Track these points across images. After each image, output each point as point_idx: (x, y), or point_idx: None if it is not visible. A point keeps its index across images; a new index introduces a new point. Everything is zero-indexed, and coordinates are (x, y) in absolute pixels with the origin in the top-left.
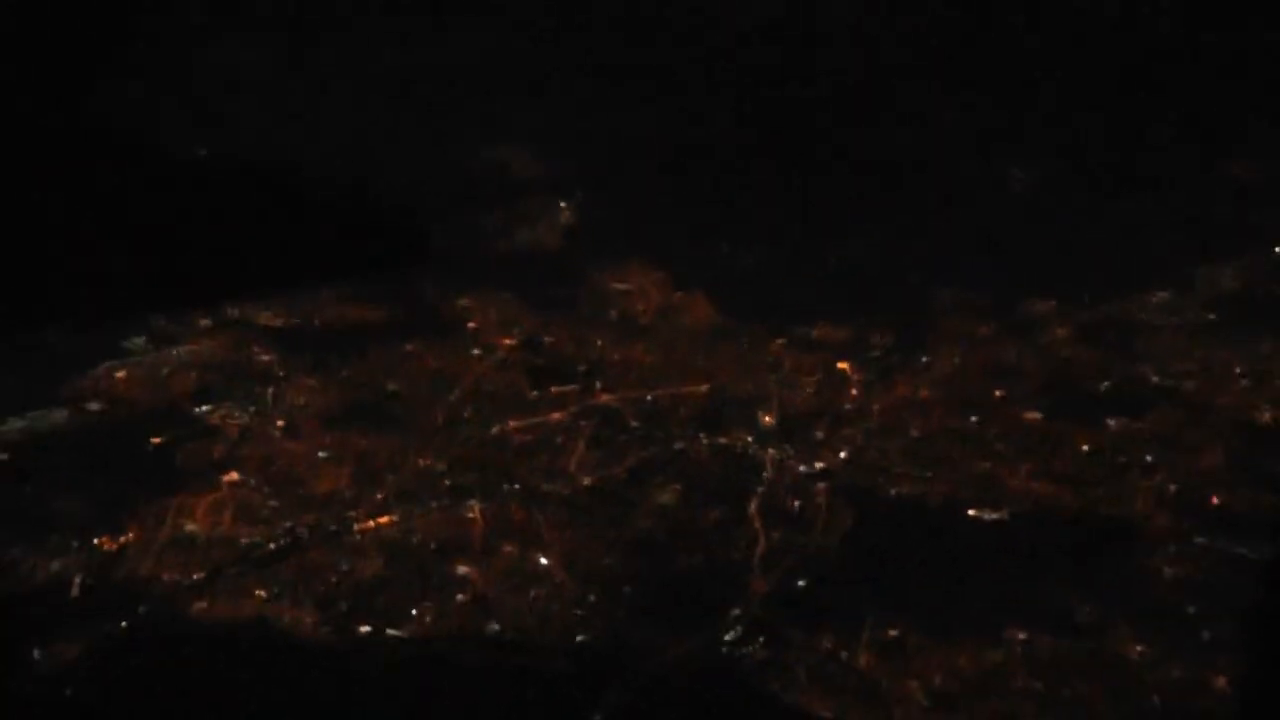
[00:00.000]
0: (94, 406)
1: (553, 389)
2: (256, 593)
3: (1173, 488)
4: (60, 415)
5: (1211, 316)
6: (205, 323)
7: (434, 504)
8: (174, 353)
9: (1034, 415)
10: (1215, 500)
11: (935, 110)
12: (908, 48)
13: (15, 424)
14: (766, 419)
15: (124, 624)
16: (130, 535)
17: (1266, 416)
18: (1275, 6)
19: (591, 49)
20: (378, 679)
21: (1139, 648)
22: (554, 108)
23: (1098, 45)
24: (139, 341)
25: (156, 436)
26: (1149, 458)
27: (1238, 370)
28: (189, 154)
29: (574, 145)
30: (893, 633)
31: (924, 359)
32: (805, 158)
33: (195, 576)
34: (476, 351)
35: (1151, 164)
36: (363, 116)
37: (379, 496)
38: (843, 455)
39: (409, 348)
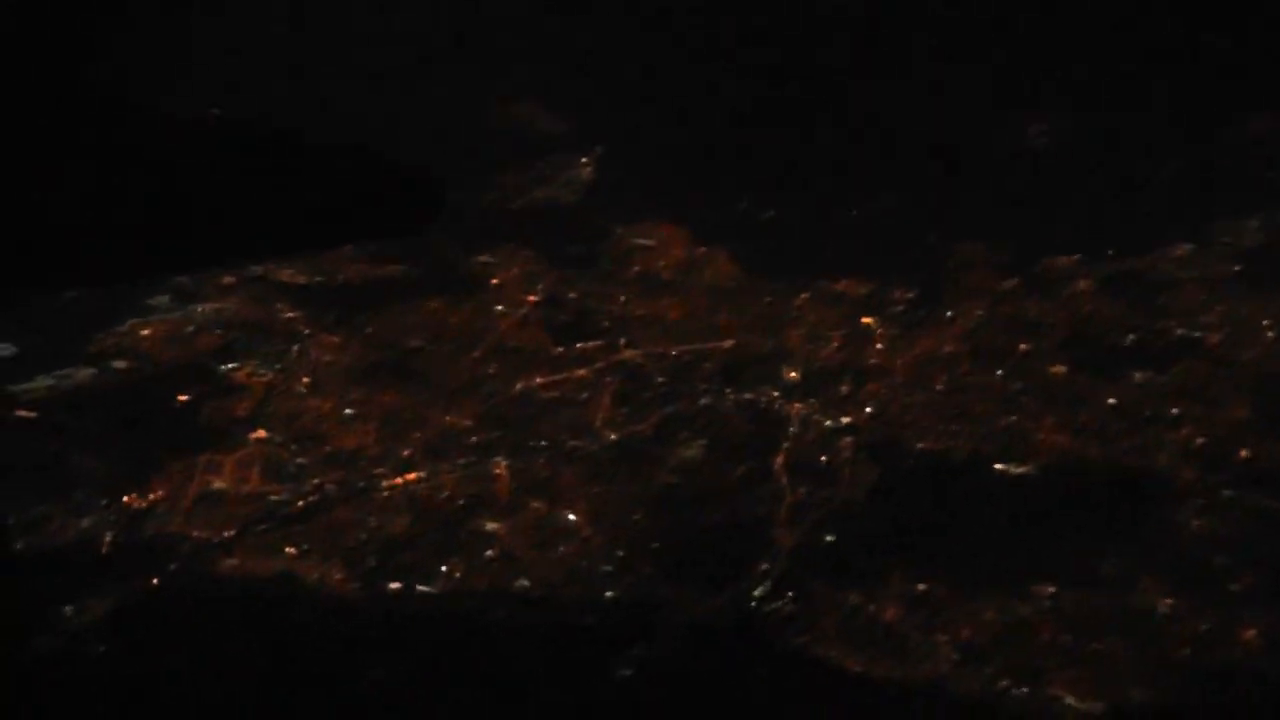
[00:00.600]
0: (119, 364)
1: (576, 345)
2: (285, 549)
3: (1199, 441)
4: (86, 373)
5: (1236, 269)
6: (228, 280)
7: (460, 460)
8: (198, 310)
9: (1059, 369)
10: (1243, 453)
11: (953, 65)
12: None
13: (42, 382)
14: (791, 374)
15: (154, 581)
16: (158, 493)
17: None
18: None
19: (608, 4)
20: (407, 635)
21: (1167, 601)
22: (571, 63)
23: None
24: (163, 300)
25: (182, 394)
26: (1175, 411)
27: (1264, 323)
28: (201, 114)
29: (592, 101)
30: (920, 587)
31: (947, 313)
32: (824, 113)
33: (224, 534)
34: (499, 308)
35: (1172, 118)
36: (375, 75)
37: (405, 453)
38: (868, 410)
39: (431, 305)
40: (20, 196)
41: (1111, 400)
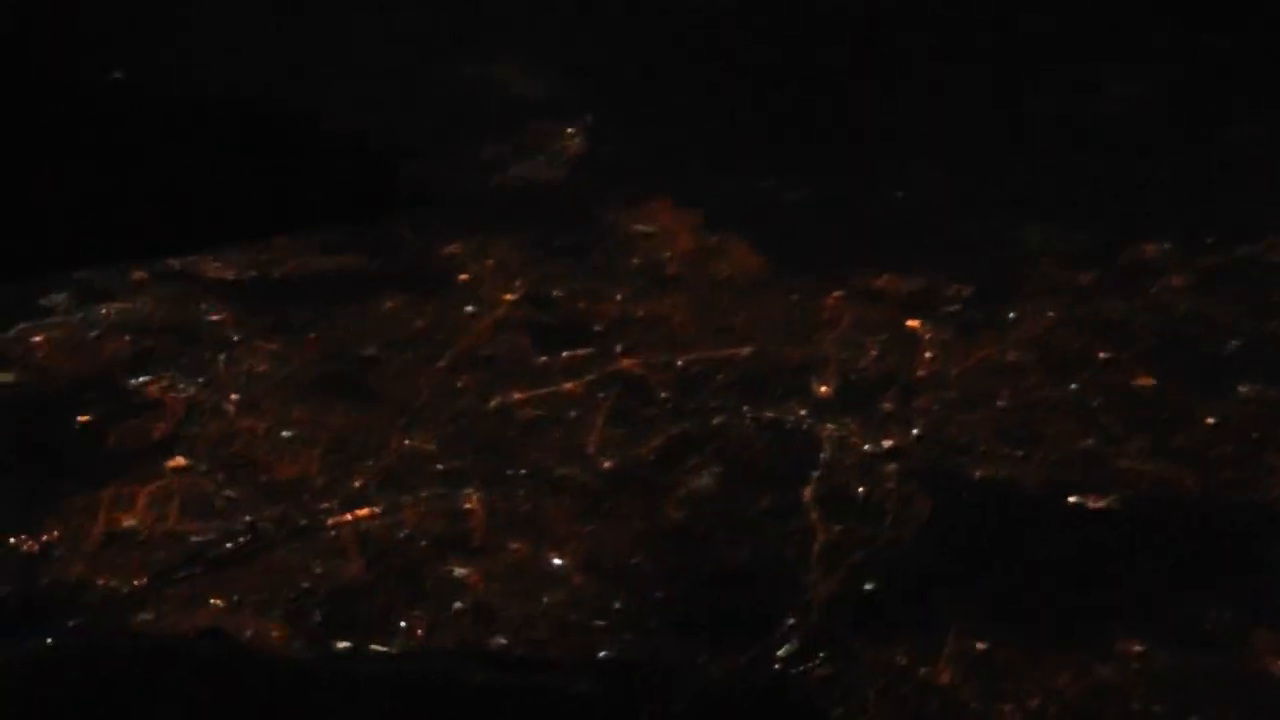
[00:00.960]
0: (6, 377)
1: (564, 353)
2: (212, 601)
3: None
4: None
5: None
6: (140, 275)
7: (424, 493)
8: (104, 312)
9: (1146, 381)
10: None
11: (1019, 16)
12: None
13: None
14: (822, 388)
15: (49, 640)
16: (55, 533)
17: None
18: None
19: None
20: (360, 703)
21: None
22: (558, 15)
23: None
24: (60, 299)
25: (84, 413)
26: None
27: None
28: (105, 78)
29: (583, 60)
30: (980, 645)
31: (1011, 315)
32: (863, 69)
33: (136, 582)
34: (470, 309)
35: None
36: (327, 28)
37: (357, 484)
38: (916, 431)
39: (389, 305)
40: None
41: (1211, 419)
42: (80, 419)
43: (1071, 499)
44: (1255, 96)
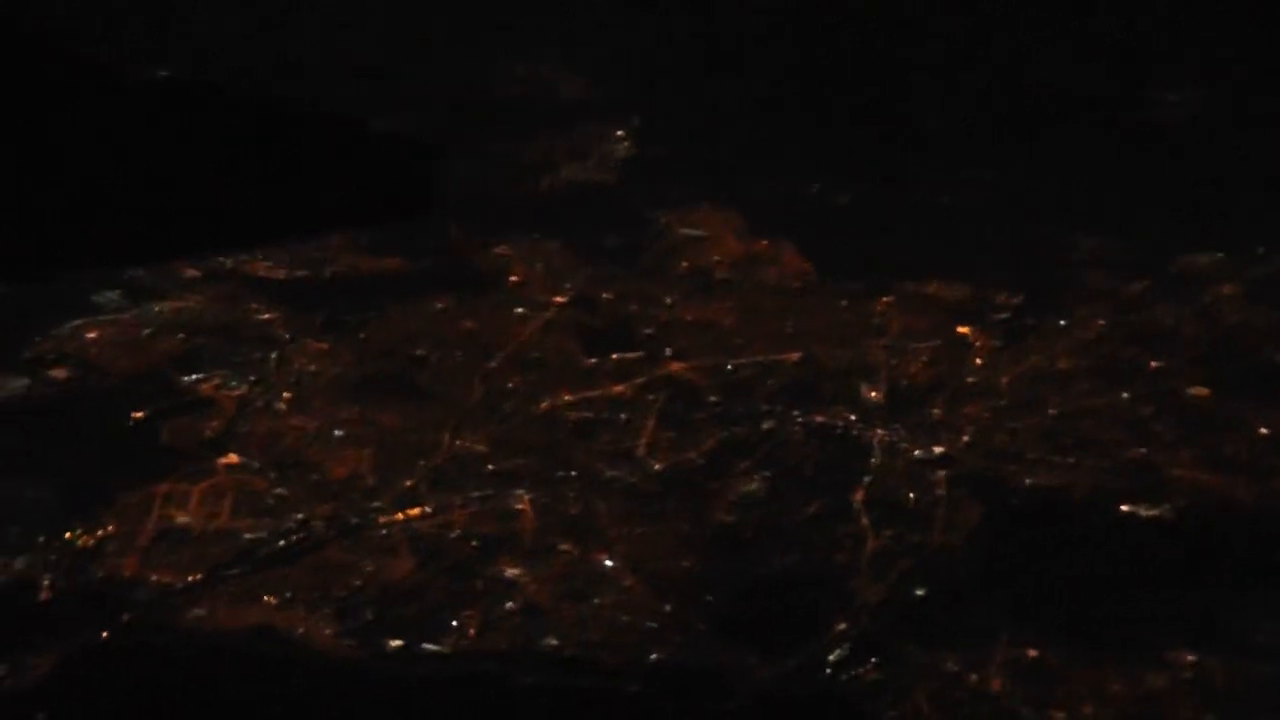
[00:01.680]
0: (60, 373)
1: (613, 356)
2: (264, 598)
3: None
4: (20, 384)
5: None
6: (192, 274)
7: (474, 493)
8: (155, 310)
9: (1199, 390)
10: None
11: (1073, 21)
12: None
13: None
14: (872, 393)
15: (104, 633)
16: (109, 528)
17: None
18: None
19: None
20: (410, 703)
21: None
22: (607, 17)
23: None
24: (113, 296)
25: (137, 410)
26: None
27: None
28: (152, 75)
29: (632, 63)
30: (1032, 653)
31: (1061, 322)
32: (912, 75)
33: (189, 578)
34: (520, 310)
35: None
36: (372, 30)
37: (408, 484)
38: (966, 438)
39: (438, 305)
40: None
41: (1264, 429)
42: (134, 415)
43: (1123, 508)
44: None
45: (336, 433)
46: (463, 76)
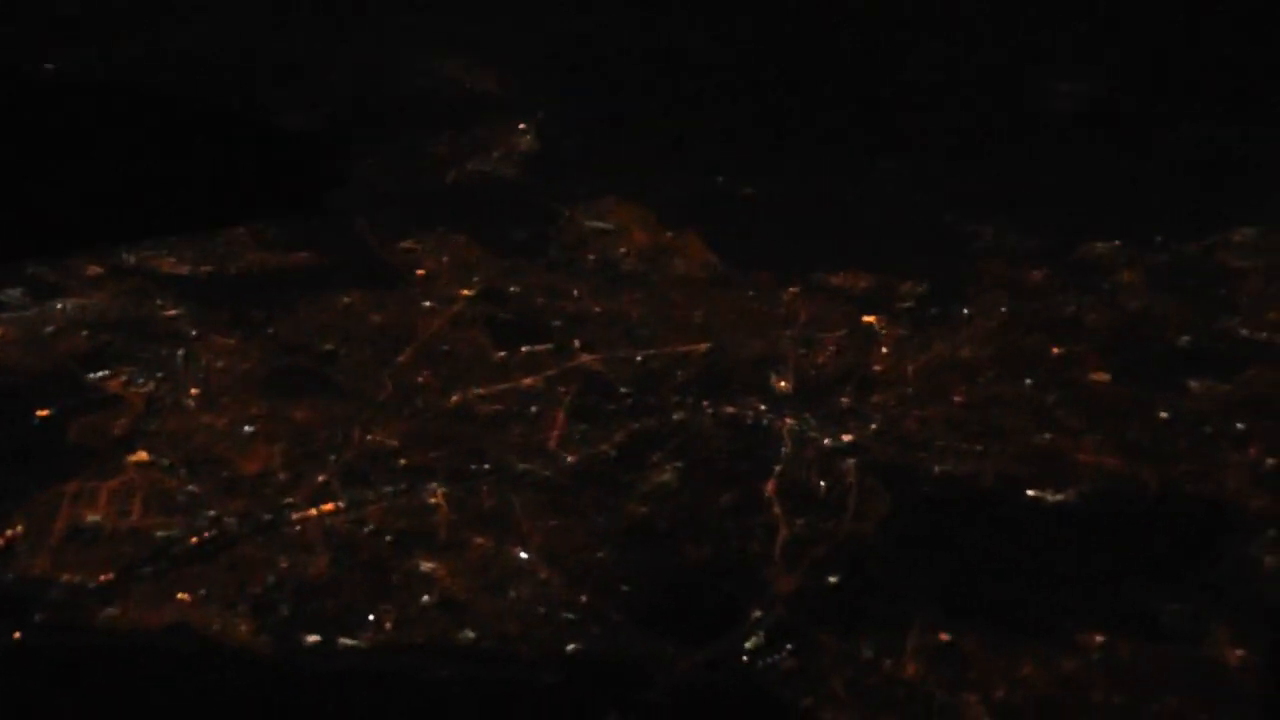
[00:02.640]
0: None
1: (522, 349)
2: (178, 595)
3: (1270, 461)
4: None
5: None
6: (95, 270)
7: (387, 488)
8: (59, 306)
9: (1101, 377)
10: None
11: (970, 20)
12: None
13: None
14: (781, 383)
15: (16, 633)
16: (18, 528)
17: None
18: None
19: None
20: (329, 697)
21: (1239, 652)
22: (508, 7)
23: None
24: (14, 294)
25: (43, 408)
26: (1240, 426)
27: None
28: (39, 70)
29: (533, 55)
30: (944, 637)
31: (965, 311)
32: (815, 72)
33: (102, 577)
34: (428, 304)
35: (1227, 80)
36: (274, 23)
37: (320, 479)
38: (874, 426)
39: (346, 300)
40: None
41: (1164, 414)
42: (40, 414)
43: (1030, 493)
44: (1200, 101)
45: (247, 429)
46: (366, 72)
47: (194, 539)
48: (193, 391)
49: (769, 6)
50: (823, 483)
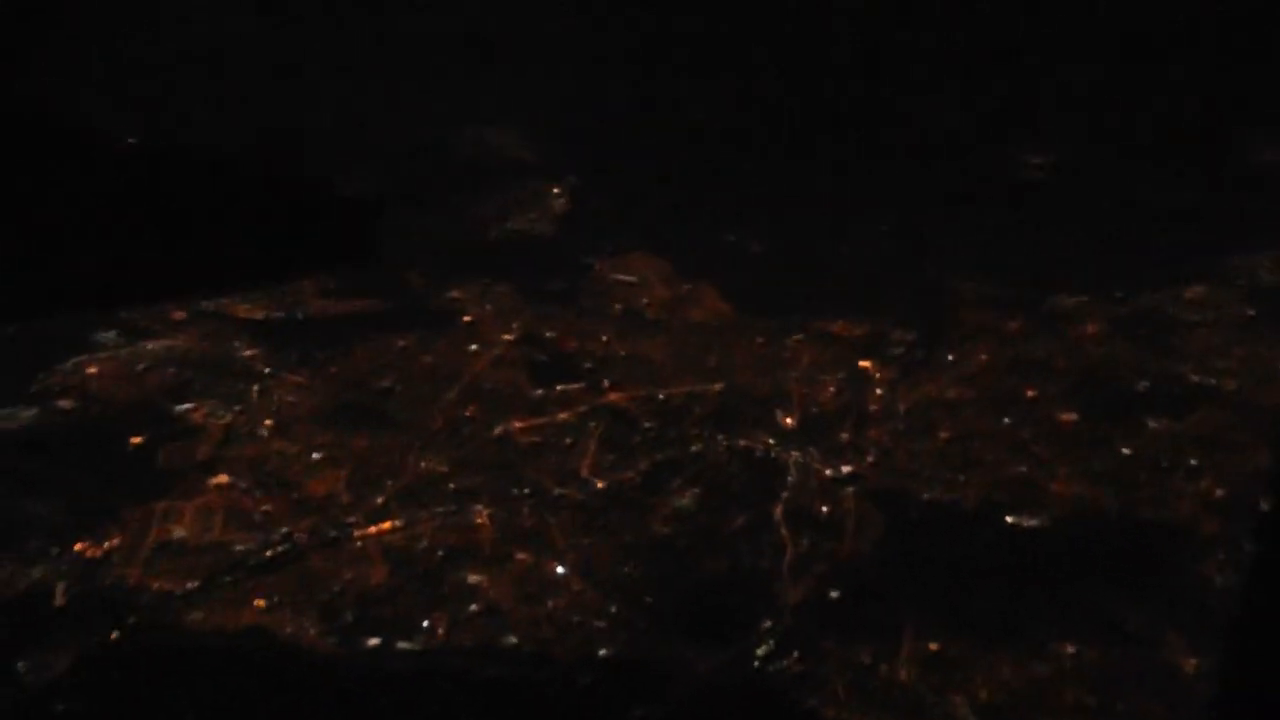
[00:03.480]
0: (66, 404)
1: (557, 387)
2: (254, 602)
3: (1219, 492)
4: (30, 413)
5: (1250, 312)
6: (179, 316)
7: (439, 509)
8: (148, 347)
9: (1069, 415)
10: (1265, 505)
11: (947, 95)
12: (913, 36)
13: None
14: (787, 419)
15: (113, 634)
16: (114, 541)
17: None
18: None
19: (582, 23)
20: (388, 693)
21: (1193, 659)
22: (542, 85)
23: (1118, 26)
24: (109, 336)
25: (135, 436)
26: (1193, 461)
27: None
28: (129, 141)
29: (563, 128)
30: (933, 645)
31: (950, 356)
32: (811, 143)
33: (187, 585)
34: (473, 347)
35: (1179, 153)
36: (332, 97)
37: (379, 501)
38: (870, 458)
39: (401, 343)
40: None
41: (1126, 449)
42: (132, 441)
43: (1008, 518)
44: (1158, 170)
45: (314, 455)
46: (416, 142)
47: (268, 552)
48: (266, 422)
49: (776, 85)
50: (825, 508)
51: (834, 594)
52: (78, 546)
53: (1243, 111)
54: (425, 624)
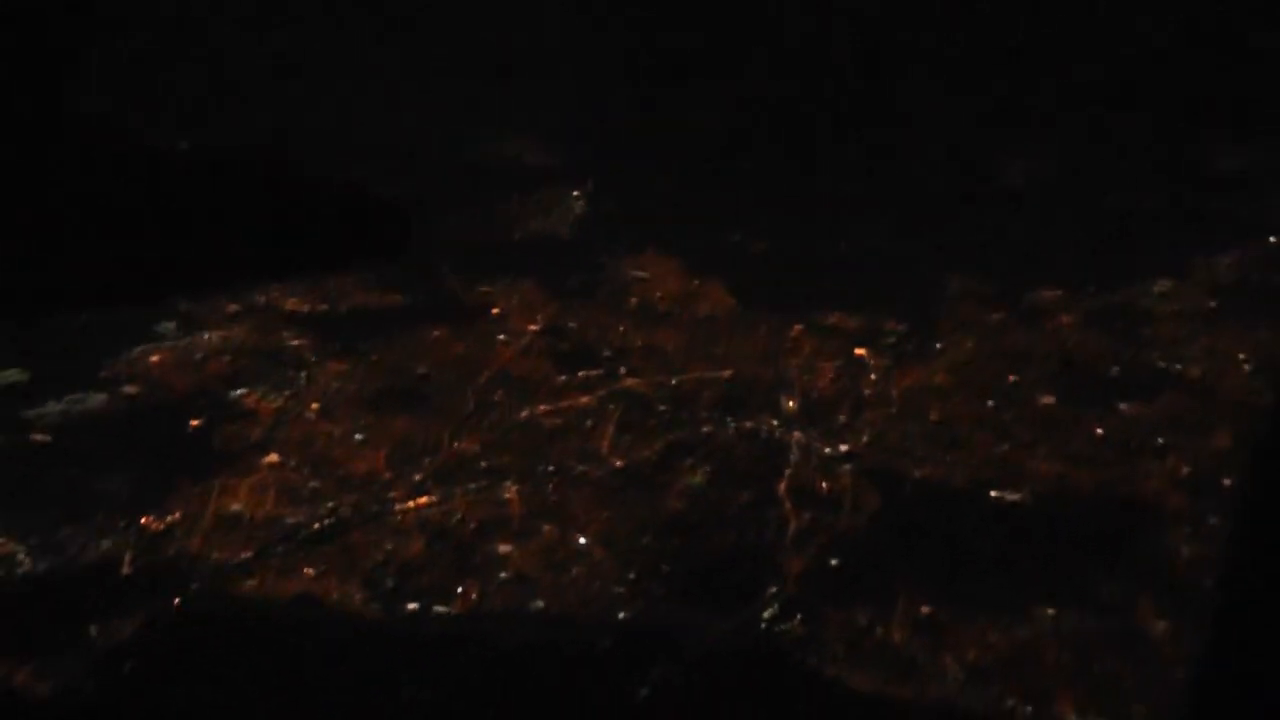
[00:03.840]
0: (130, 390)
1: (579, 373)
2: (304, 571)
3: (1186, 469)
4: (98, 399)
5: (1212, 304)
6: (233, 309)
7: (471, 485)
8: (205, 337)
9: (1048, 400)
10: (1227, 482)
11: (938, 105)
12: (912, 38)
13: (55, 407)
14: (789, 403)
15: (177, 600)
16: (176, 515)
17: (1270, 400)
18: (1271, 6)
19: (595, 34)
20: (427, 654)
21: (1161, 624)
22: (558, 95)
23: (1092, 42)
24: (169, 326)
25: (194, 419)
26: (1160, 441)
27: (1240, 356)
28: (178, 147)
29: (584, 134)
30: (925, 610)
31: (938, 345)
32: (811, 143)
33: (243, 555)
34: (502, 337)
35: (1146, 158)
36: (360, 108)
37: (417, 478)
38: (866, 439)
39: (435, 333)
40: (26, 222)
41: (1099, 430)
42: (191, 423)
43: (992, 493)
44: (1133, 174)
45: (357, 437)
46: (446, 149)
47: (316, 525)
48: (313, 406)
49: (776, 87)
50: (824, 484)
51: (833, 563)
52: (143, 520)
53: (1211, 115)
54: (459, 590)
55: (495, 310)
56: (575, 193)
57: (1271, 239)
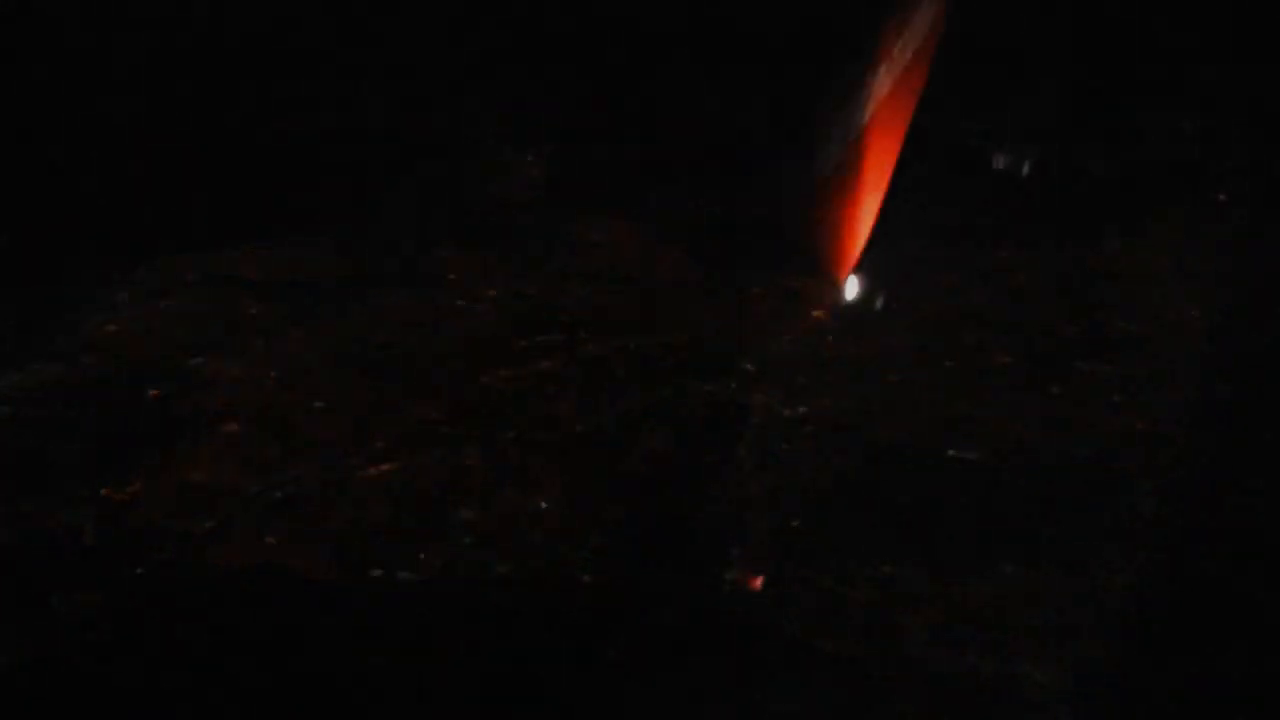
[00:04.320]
0: (88, 359)
1: (538, 338)
2: (267, 539)
3: (1140, 426)
4: (56, 369)
5: (1165, 264)
6: (190, 277)
7: (433, 451)
8: (162, 306)
9: (1004, 359)
10: (1180, 438)
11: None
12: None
13: (11, 377)
14: (749, 366)
15: (139, 570)
16: (137, 485)
17: (1224, 356)
18: None
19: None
20: (390, 619)
21: (1119, 578)
22: (516, 62)
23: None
24: (125, 296)
25: (154, 388)
26: (1116, 399)
27: (1194, 314)
28: (130, 114)
29: (538, 99)
30: (887, 569)
31: (894, 308)
32: (770, 112)
33: (206, 524)
34: (460, 303)
35: (1096, 121)
36: (314, 73)
37: (379, 445)
38: (825, 400)
39: (394, 299)
40: None
41: (1056, 389)
42: (150, 393)
43: (950, 452)
44: (1099, 139)
45: (317, 404)
46: (400, 115)
47: (278, 493)
48: (272, 374)
49: (742, 68)
50: (785, 445)
51: (795, 524)
52: (103, 490)
53: (1157, 84)
54: (423, 556)
55: (452, 276)
56: (531, 158)
57: (1221, 196)
